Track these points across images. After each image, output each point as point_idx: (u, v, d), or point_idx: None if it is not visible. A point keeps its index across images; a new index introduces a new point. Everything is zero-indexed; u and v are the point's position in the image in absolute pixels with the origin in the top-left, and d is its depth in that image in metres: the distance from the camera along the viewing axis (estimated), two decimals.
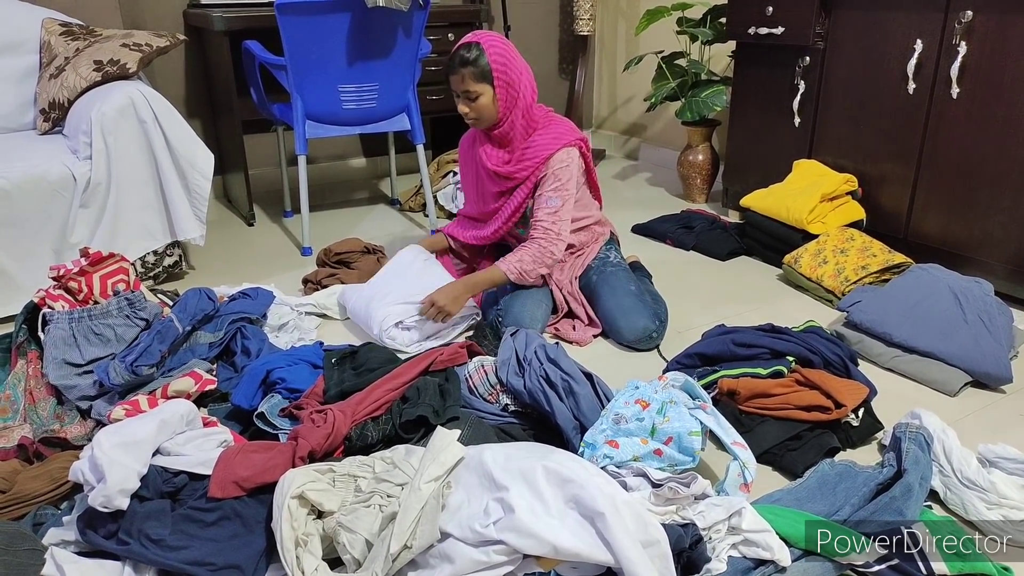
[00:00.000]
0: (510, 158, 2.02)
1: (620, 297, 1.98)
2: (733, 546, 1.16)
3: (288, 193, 3.17)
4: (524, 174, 2.01)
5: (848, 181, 2.45)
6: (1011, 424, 1.63)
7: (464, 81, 1.91)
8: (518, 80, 1.94)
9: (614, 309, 1.97)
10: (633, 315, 1.95)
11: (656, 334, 1.95)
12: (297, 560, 1.10)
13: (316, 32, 2.44)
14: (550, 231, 1.97)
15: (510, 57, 1.93)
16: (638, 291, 2.01)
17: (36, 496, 1.31)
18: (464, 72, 1.90)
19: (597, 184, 2.17)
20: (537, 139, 2.00)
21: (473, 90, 1.91)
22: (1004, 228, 2.13)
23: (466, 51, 1.90)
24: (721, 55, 3.28)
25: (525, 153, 2.00)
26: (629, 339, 1.95)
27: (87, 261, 1.80)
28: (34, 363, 1.69)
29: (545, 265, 1.99)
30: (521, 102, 1.96)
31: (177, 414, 1.31)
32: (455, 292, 1.95)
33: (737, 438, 1.37)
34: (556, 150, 1.97)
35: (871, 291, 1.99)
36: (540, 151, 1.99)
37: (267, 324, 1.97)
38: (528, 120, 1.99)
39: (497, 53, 1.91)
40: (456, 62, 1.91)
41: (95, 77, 2.36)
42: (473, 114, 1.96)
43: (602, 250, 2.14)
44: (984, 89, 2.11)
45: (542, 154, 1.98)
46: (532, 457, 1.17)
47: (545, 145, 1.99)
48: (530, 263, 1.97)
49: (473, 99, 1.93)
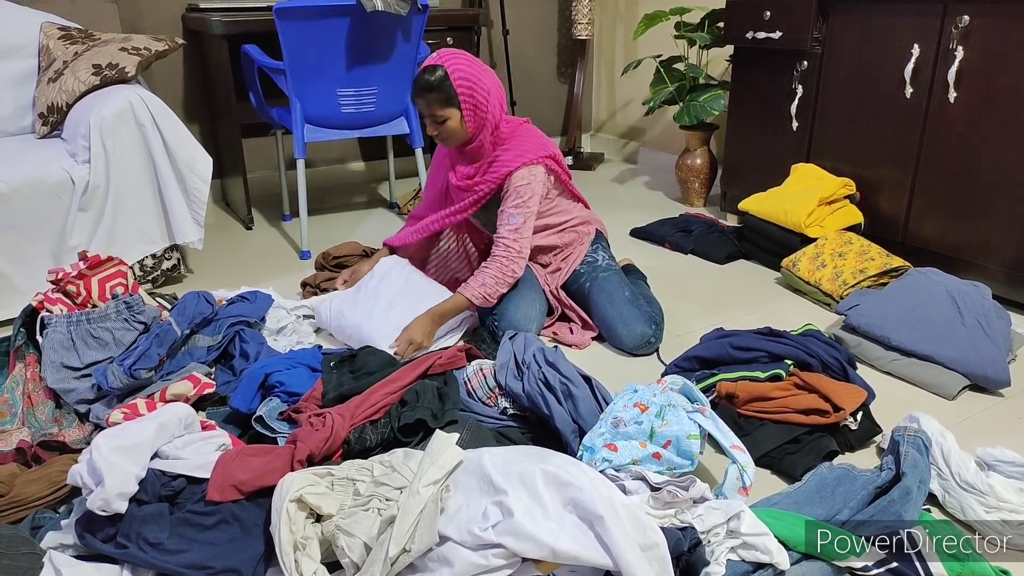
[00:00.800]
0: (474, 173, 2.03)
1: (618, 305, 1.98)
2: (732, 549, 1.16)
3: (287, 197, 3.17)
4: (484, 188, 2.02)
5: (846, 185, 2.46)
6: (1009, 427, 1.63)
7: (430, 106, 1.90)
8: (485, 100, 1.91)
9: (613, 318, 1.97)
10: (631, 322, 1.94)
11: (654, 338, 1.96)
12: (296, 564, 1.10)
13: (315, 36, 2.44)
14: (511, 248, 1.96)
15: (476, 78, 1.90)
16: (633, 297, 2.01)
17: (34, 500, 1.30)
18: (429, 98, 1.89)
19: (576, 192, 2.16)
20: (501, 155, 1.99)
21: (439, 114, 1.90)
22: (1002, 232, 2.13)
23: (429, 75, 1.87)
24: (719, 59, 3.29)
25: (489, 168, 2.01)
26: (629, 347, 1.95)
27: (85, 265, 1.81)
28: (32, 367, 1.69)
29: (507, 284, 1.97)
30: (490, 121, 1.95)
31: (175, 417, 1.31)
32: (425, 327, 1.89)
33: (736, 441, 1.37)
34: (516, 168, 1.96)
35: (869, 295, 1.99)
36: (501, 167, 1.98)
37: (265, 328, 1.96)
38: (495, 137, 1.99)
39: (461, 76, 1.87)
40: (420, 87, 1.89)
41: (94, 81, 2.36)
42: (442, 135, 1.96)
43: (589, 252, 2.12)
44: (981, 93, 2.12)
45: (502, 171, 1.98)
46: (531, 460, 1.16)
47: (507, 162, 1.98)
48: (492, 285, 1.94)
49: (440, 123, 1.92)
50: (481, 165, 2.02)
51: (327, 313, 2.02)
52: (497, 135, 1.99)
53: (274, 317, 2.00)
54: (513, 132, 2.01)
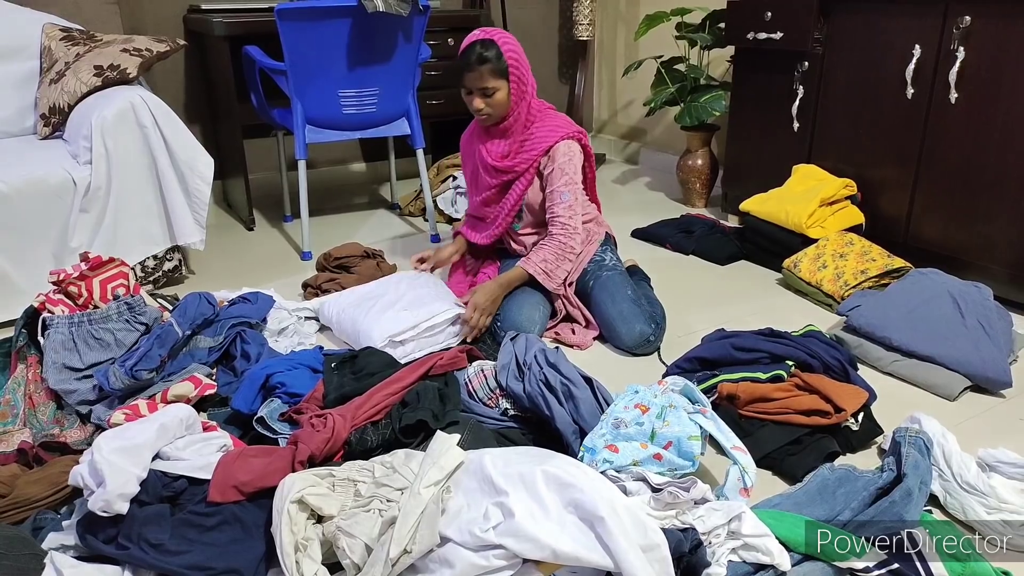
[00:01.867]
0: (508, 151, 2.06)
1: (619, 303, 1.98)
2: (733, 551, 1.16)
3: (288, 198, 3.17)
4: (523, 167, 2.04)
5: (847, 186, 2.46)
6: (1011, 428, 1.63)
7: (483, 78, 1.94)
8: (527, 75, 2.00)
9: (613, 316, 1.97)
10: (631, 320, 1.95)
11: (653, 337, 1.96)
12: (297, 564, 1.10)
13: (316, 37, 2.44)
14: (567, 225, 2.01)
15: (520, 53, 2.00)
16: (634, 296, 2.02)
17: (36, 500, 1.30)
18: (483, 69, 1.93)
19: (594, 182, 2.19)
20: (535, 131, 2.04)
21: (491, 86, 1.95)
22: (1003, 232, 2.13)
23: (483, 48, 1.93)
24: (720, 60, 3.29)
25: (524, 145, 2.04)
26: (628, 345, 1.95)
27: (87, 266, 1.81)
28: (34, 367, 1.69)
29: (568, 260, 2.02)
30: (528, 95, 2.02)
31: (177, 418, 1.31)
32: (491, 292, 1.96)
33: (737, 442, 1.37)
34: (555, 142, 2.01)
35: (870, 295, 1.99)
36: (538, 143, 2.02)
37: (267, 328, 1.97)
38: (528, 112, 2.04)
39: (511, 50, 1.96)
40: (474, 59, 1.93)
41: (95, 82, 2.36)
42: (488, 109, 1.99)
43: (598, 252, 2.14)
44: (982, 94, 2.12)
45: (540, 146, 2.02)
46: (532, 461, 1.16)
47: (543, 137, 2.02)
48: (553, 261, 2.00)
49: (490, 95, 1.96)
50: (512, 143, 2.05)
51: (329, 310, 2.05)
52: (530, 112, 2.04)
53: (275, 318, 2.01)
54: (541, 110, 2.07)
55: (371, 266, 2.37)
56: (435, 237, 2.89)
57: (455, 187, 3.08)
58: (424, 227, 3.04)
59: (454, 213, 3.05)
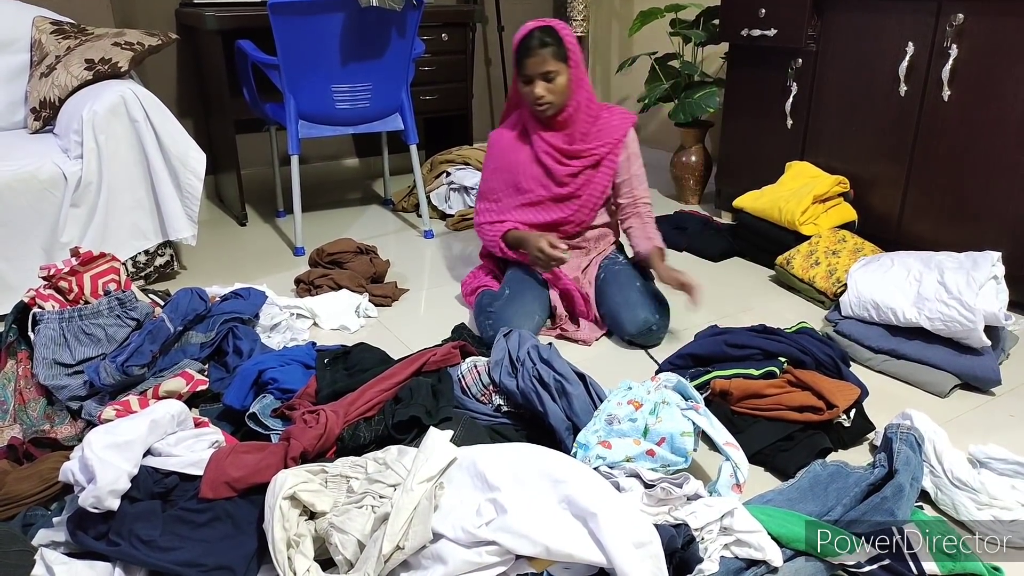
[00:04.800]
0: (572, 141, 2.07)
1: (626, 291, 2.01)
2: (725, 546, 1.16)
3: (281, 193, 3.16)
4: (604, 150, 2.07)
5: (840, 183, 2.46)
6: (1001, 425, 1.64)
7: (546, 62, 1.95)
8: (584, 62, 2.03)
9: (619, 303, 1.99)
10: (636, 307, 1.96)
11: (656, 326, 1.96)
12: (289, 561, 1.10)
13: (309, 32, 2.43)
14: (649, 204, 2.14)
15: (576, 41, 2.01)
16: (643, 287, 2.04)
17: (26, 497, 1.30)
18: (545, 53, 1.94)
19: None
20: (608, 119, 2.08)
21: (553, 70, 1.95)
22: (994, 230, 2.14)
23: (544, 34, 1.95)
24: (714, 57, 3.29)
25: (602, 132, 2.07)
26: (631, 331, 1.95)
27: (78, 261, 1.79)
28: (24, 363, 1.68)
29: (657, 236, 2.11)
30: (585, 83, 2.03)
31: (168, 415, 1.30)
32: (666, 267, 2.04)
33: (729, 439, 1.37)
34: (630, 127, 2.07)
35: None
36: (614, 130, 2.07)
37: (259, 324, 1.96)
38: (589, 102, 2.05)
39: (569, 35, 1.98)
40: (535, 43, 1.94)
41: (86, 76, 2.35)
42: (549, 96, 1.98)
43: (613, 252, 2.19)
44: (975, 91, 2.12)
45: (618, 132, 2.07)
46: (525, 458, 1.17)
47: (617, 125, 2.07)
48: (656, 233, 2.12)
49: (551, 80, 1.96)
50: (574, 133, 2.06)
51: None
52: (590, 101, 2.06)
53: (268, 314, 2.00)
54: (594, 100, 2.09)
55: (364, 262, 2.36)
56: (429, 233, 2.89)
57: (448, 183, 3.07)
58: (417, 223, 3.03)
59: (447, 209, 3.05)
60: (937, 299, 1.79)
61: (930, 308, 1.80)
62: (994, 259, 1.83)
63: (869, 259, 2.10)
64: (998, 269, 1.82)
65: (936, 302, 1.79)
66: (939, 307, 1.78)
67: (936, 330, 1.79)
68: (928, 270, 1.88)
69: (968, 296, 1.74)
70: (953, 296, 1.76)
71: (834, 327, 1.98)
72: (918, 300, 1.83)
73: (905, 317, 1.84)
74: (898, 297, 1.87)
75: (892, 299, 1.87)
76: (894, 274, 1.93)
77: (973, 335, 1.73)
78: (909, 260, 1.97)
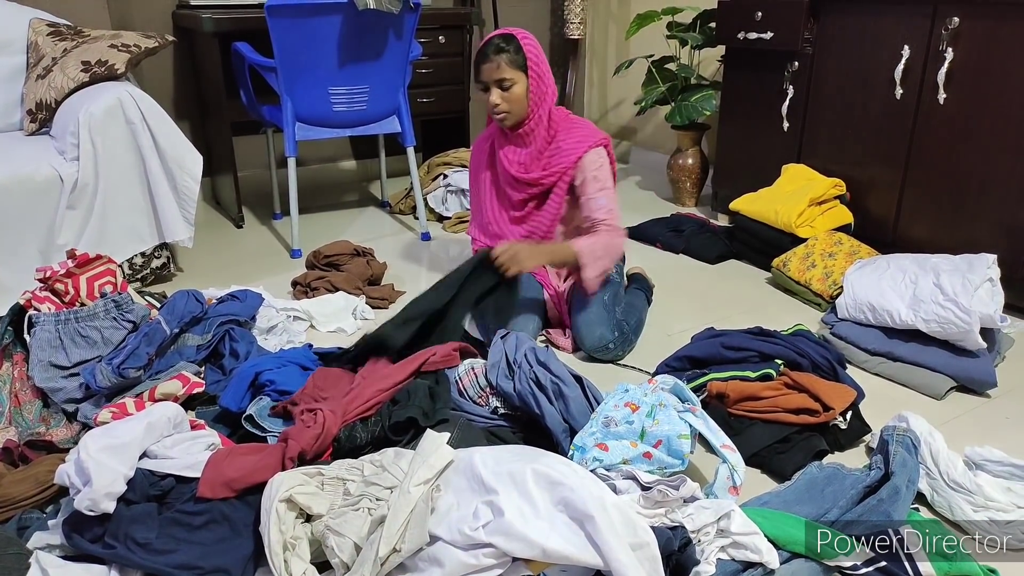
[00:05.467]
0: (529, 160, 1.99)
1: (589, 307, 1.93)
2: (722, 549, 1.16)
3: (277, 195, 3.16)
4: (552, 179, 1.97)
5: (836, 185, 2.47)
6: (997, 427, 1.64)
7: (500, 68, 1.89)
8: (547, 74, 1.95)
9: (580, 319, 1.93)
10: (594, 324, 1.90)
11: (613, 345, 1.90)
12: (285, 564, 1.10)
13: (306, 34, 2.43)
14: (613, 226, 1.95)
15: (540, 51, 1.95)
16: (609, 303, 1.96)
17: (21, 500, 1.29)
18: (500, 59, 1.89)
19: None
20: (562, 142, 1.97)
21: (508, 78, 1.89)
22: (990, 233, 2.14)
23: (501, 40, 1.90)
24: (711, 59, 3.29)
25: (552, 158, 1.97)
26: (587, 347, 1.91)
27: (74, 263, 1.79)
28: (20, 365, 1.67)
29: (612, 258, 1.95)
30: (548, 98, 1.95)
31: (164, 417, 1.30)
32: (533, 254, 1.85)
33: (726, 441, 1.37)
34: (584, 151, 1.94)
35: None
36: (568, 154, 1.95)
37: (256, 327, 1.96)
38: (551, 119, 1.97)
39: (530, 45, 1.92)
40: (491, 50, 1.89)
41: (83, 78, 2.34)
42: (505, 105, 1.92)
43: None
44: (971, 94, 2.13)
45: (570, 157, 1.95)
46: (521, 460, 1.16)
47: (571, 148, 1.95)
48: (601, 248, 1.90)
49: (507, 88, 1.90)
50: (533, 152, 1.98)
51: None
52: (552, 119, 1.97)
53: (264, 316, 2.00)
54: (563, 119, 2.01)
55: (361, 264, 2.36)
56: (426, 235, 2.89)
57: (445, 185, 3.07)
58: (415, 225, 3.03)
59: (444, 211, 3.05)
60: (933, 301, 1.79)
61: (926, 310, 1.80)
62: (989, 261, 1.84)
63: (865, 261, 2.11)
64: (993, 271, 1.83)
65: (932, 304, 1.79)
66: (935, 309, 1.78)
67: (932, 332, 1.79)
68: (924, 272, 1.88)
69: (964, 298, 1.74)
70: (949, 298, 1.77)
71: (830, 329, 1.99)
72: (914, 302, 1.83)
73: (901, 319, 1.84)
74: (894, 299, 1.87)
75: (888, 301, 1.88)
76: (890, 276, 1.94)
77: (968, 337, 1.73)
78: (905, 262, 1.98)
